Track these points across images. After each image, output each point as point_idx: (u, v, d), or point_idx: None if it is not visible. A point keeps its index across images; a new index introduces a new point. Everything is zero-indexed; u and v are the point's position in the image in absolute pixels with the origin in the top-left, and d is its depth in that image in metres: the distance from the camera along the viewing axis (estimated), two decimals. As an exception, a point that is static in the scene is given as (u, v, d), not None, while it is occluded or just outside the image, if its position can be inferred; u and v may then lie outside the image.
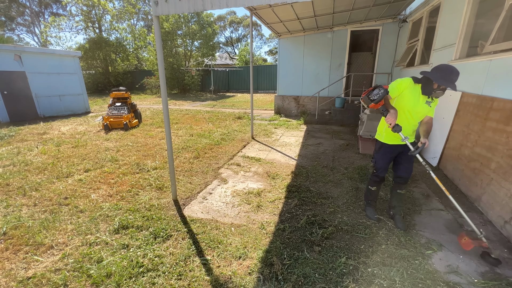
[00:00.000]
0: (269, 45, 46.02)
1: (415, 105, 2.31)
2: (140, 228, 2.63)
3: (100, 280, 1.97)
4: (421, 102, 2.30)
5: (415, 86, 2.32)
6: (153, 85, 19.15)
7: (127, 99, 7.92)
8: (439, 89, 2.18)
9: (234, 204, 3.14)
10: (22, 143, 5.75)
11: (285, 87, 9.57)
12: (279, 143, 5.79)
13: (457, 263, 2.13)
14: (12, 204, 3.11)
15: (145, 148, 5.36)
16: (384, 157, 2.58)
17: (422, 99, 2.30)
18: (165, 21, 18.35)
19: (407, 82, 2.33)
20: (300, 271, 2.04)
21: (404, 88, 2.33)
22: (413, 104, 2.31)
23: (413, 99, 2.31)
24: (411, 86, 2.32)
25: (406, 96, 2.33)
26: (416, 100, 2.30)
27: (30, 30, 32.74)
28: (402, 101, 2.35)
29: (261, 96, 17.29)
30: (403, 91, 2.34)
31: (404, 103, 2.34)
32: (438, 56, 4.85)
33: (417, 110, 2.32)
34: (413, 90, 2.31)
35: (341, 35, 8.36)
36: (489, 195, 2.82)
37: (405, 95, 2.33)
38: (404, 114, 2.38)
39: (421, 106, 2.31)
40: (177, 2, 2.57)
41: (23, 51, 8.59)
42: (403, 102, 2.35)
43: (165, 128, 3.07)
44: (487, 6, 3.94)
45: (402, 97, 2.35)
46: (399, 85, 2.33)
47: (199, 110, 11.25)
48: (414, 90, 2.31)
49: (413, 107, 2.32)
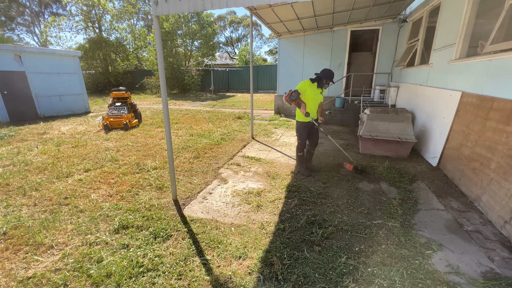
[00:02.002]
0: (269, 45, 46.02)
1: (315, 96, 3.67)
2: (140, 228, 2.63)
3: (100, 280, 1.97)
4: (317, 94, 3.68)
5: (312, 84, 3.64)
6: (153, 85, 19.15)
7: (127, 99, 7.92)
8: (326, 83, 3.61)
9: (234, 204, 3.14)
10: (22, 143, 5.75)
11: (285, 87, 9.55)
12: (279, 143, 5.79)
13: (457, 263, 2.13)
14: (12, 204, 3.11)
15: (145, 148, 5.36)
16: (304, 131, 3.83)
17: (318, 91, 3.68)
18: (165, 21, 18.34)
19: (307, 83, 3.63)
20: (300, 271, 2.04)
21: (307, 86, 3.63)
22: (313, 95, 3.66)
23: (313, 93, 3.66)
24: (310, 85, 3.64)
25: (309, 91, 3.65)
26: (315, 93, 3.66)
27: (30, 30, 32.75)
28: (307, 95, 3.66)
29: (261, 96, 17.29)
30: (306, 89, 3.63)
31: (308, 95, 3.66)
32: (438, 56, 4.84)
33: (316, 99, 3.70)
34: (312, 87, 3.64)
35: (341, 35, 8.36)
36: (489, 195, 2.82)
37: (308, 91, 3.65)
38: (311, 102, 3.68)
39: (318, 96, 3.70)
40: (177, 2, 2.57)
41: (23, 51, 8.59)
42: (308, 95, 3.66)
43: (165, 128, 3.07)
44: (487, 6, 3.94)
45: (306, 93, 3.65)
46: (303, 85, 3.63)
47: (199, 110, 11.25)
48: (312, 87, 3.64)
49: (314, 97, 3.67)
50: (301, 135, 3.84)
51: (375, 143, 4.75)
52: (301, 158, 4.01)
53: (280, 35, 8.95)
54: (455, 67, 4.16)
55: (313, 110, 3.72)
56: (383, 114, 4.97)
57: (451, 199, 3.20)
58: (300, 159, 4.03)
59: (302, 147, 3.92)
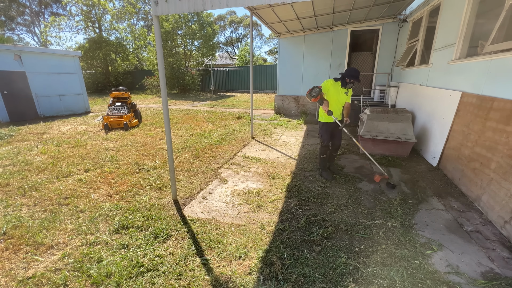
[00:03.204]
0: (269, 45, 46.05)
1: (338, 95, 3.53)
2: (140, 228, 2.63)
3: (100, 280, 1.97)
4: (341, 93, 3.53)
5: (336, 83, 3.52)
6: (153, 85, 19.14)
7: (127, 99, 7.92)
8: (349, 82, 3.42)
9: (234, 204, 3.14)
10: (22, 143, 5.75)
11: (285, 87, 9.56)
12: (279, 143, 5.79)
13: (457, 263, 2.13)
14: (12, 204, 3.11)
15: (145, 148, 5.36)
16: (326, 132, 3.71)
17: (342, 91, 3.53)
18: (165, 21, 18.34)
19: (330, 82, 3.53)
20: (300, 271, 2.04)
21: (329, 86, 3.51)
22: (337, 94, 3.52)
23: (336, 92, 3.52)
24: (333, 84, 3.52)
25: (331, 91, 3.52)
26: (338, 92, 3.52)
27: (30, 30, 32.75)
28: (330, 94, 3.53)
29: (261, 96, 17.29)
30: (329, 88, 3.51)
31: (331, 95, 3.53)
32: (438, 56, 4.84)
33: (339, 99, 3.55)
34: (335, 86, 3.52)
35: (341, 35, 8.35)
36: (489, 195, 2.82)
37: (330, 90, 3.52)
38: (334, 102, 3.55)
39: (341, 96, 3.54)
40: (177, 2, 2.57)
41: (23, 51, 8.59)
42: (330, 94, 3.53)
43: (165, 128, 3.07)
44: (487, 6, 3.94)
45: (329, 92, 3.53)
46: (325, 85, 3.53)
47: (199, 110, 11.25)
48: (335, 86, 3.52)
49: (337, 97, 3.53)
50: (323, 136, 3.70)
51: (375, 143, 4.75)
52: (324, 161, 3.83)
53: (280, 35, 8.95)
54: (455, 67, 4.16)
55: (336, 110, 3.58)
56: (383, 114, 4.97)
57: (451, 199, 3.20)
58: (323, 162, 3.84)
59: (325, 150, 3.73)
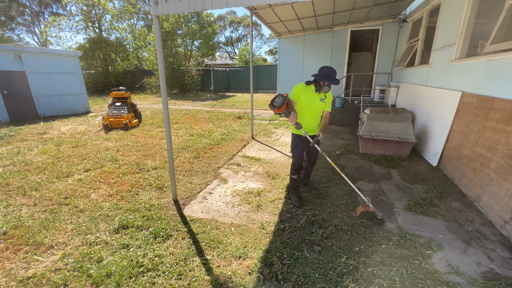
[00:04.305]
0: (269, 45, 46.03)
1: (311, 102, 2.84)
2: (140, 228, 2.63)
3: (100, 280, 1.97)
4: (316, 100, 2.84)
5: (308, 87, 2.84)
6: (153, 85, 19.13)
7: (127, 98, 7.92)
8: (324, 85, 2.73)
9: (234, 204, 3.14)
10: (22, 143, 5.75)
11: (285, 87, 9.56)
12: (279, 143, 5.79)
13: (457, 263, 2.13)
14: (12, 204, 3.11)
15: (145, 148, 5.36)
16: (297, 147, 2.98)
17: (317, 97, 2.84)
18: (165, 21, 18.33)
19: (300, 87, 2.85)
20: (300, 271, 2.04)
21: (300, 92, 2.84)
22: (309, 102, 2.84)
23: (309, 98, 2.84)
24: (304, 89, 2.84)
25: (303, 97, 2.85)
26: (312, 98, 2.83)
27: (30, 29, 32.72)
28: (301, 101, 2.87)
29: (261, 96, 17.28)
30: (300, 94, 2.85)
31: (303, 102, 2.86)
32: (438, 56, 4.84)
33: (314, 107, 2.86)
34: (307, 91, 2.84)
35: (341, 35, 8.36)
36: (489, 195, 2.82)
37: (302, 97, 2.85)
38: (306, 111, 2.88)
39: (317, 104, 2.85)
40: (177, 1, 2.57)
41: (23, 51, 8.58)
42: (302, 102, 2.87)
43: (165, 128, 3.07)
44: (487, 6, 3.94)
45: (300, 100, 2.87)
46: (295, 90, 2.86)
47: (199, 110, 11.25)
48: (308, 91, 2.84)
49: (310, 105, 2.85)
50: (294, 152, 2.98)
51: (375, 143, 4.75)
52: (295, 182, 3.06)
53: (280, 35, 8.95)
54: (455, 67, 4.16)
55: (309, 121, 2.90)
56: (383, 114, 4.97)
57: (451, 199, 3.20)
58: (293, 183, 3.07)
59: (296, 168, 2.95)
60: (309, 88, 2.84)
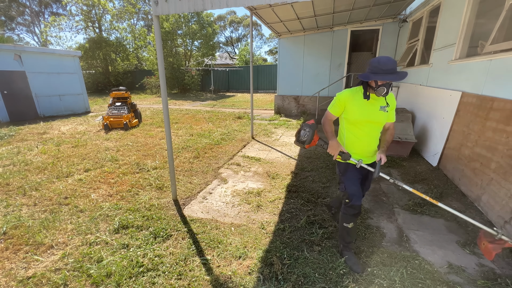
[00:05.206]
0: (269, 45, 46.06)
1: (367, 114, 1.91)
2: (140, 227, 2.63)
3: (100, 280, 1.97)
4: (375, 110, 1.91)
5: (356, 94, 1.94)
6: (153, 85, 19.14)
7: (127, 98, 7.92)
8: (378, 86, 1.79)
9: (234, 204, 3.14)
10: (22, 143, 5.75)
11: (285, 87, 9.56)
12: (279, 143, 5.79)
13: (457, 263, 2.13)
14: (12, 204, 3.11)
15: (145, 148, 5.36)
16: (351, 180, 2.01)
17: (375, 105, 1.91)
18: (165, 20, 18.34)
19: (345, 95, 1.96)
20: (300, 271, 2.04)
21: (345, 102, 1.96)
22: (364, 114, 1.91)
23: (361, 110, 1.91)
24: (351, 97, 1.94)
25: (352, 110, 1.93)
26: (366, 109, 1.91)
27: (30, 29, 32.74)
28: (350, 116, 1.96)
29: (261, 96, 17.29)
30: (345, 106, 1.97)
31: (353, 117, 1.94)
32: (438, 56, 4.84)
33: (372, 119, 1.93)
34: (357, 100, 1.93)
35: (341, 35, 8.36)
36: (489, 195, 2.82)
37: (349, 109, 1.95)
38: (359, 129, 1.97)
39: (375, 114, 1.92)
40: (177, 1, 2.57)
41: (23, 51, 8.58)
42: (351, 117, 1.95)
43: (165, 128, 3.07)
44: (487, 6, 3.94)
45: (348, 113, 1.97)
46: (338, 101, 1.99)
47: (199, 110, 11.25)
48: (358, 99, 1.93)
49: (365, 118, 1.92)
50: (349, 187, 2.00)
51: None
52: (350, 233, 2.09)
53: (280, 35, 8.95)
54: (455, 67, 4.16)
55: (364, 143, 2.02)
56: (383, 114, 4.97)
57: (451, 199, 3.20)
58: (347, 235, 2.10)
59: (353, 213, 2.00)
60: (358, 94, 1.93)
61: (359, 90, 1.94)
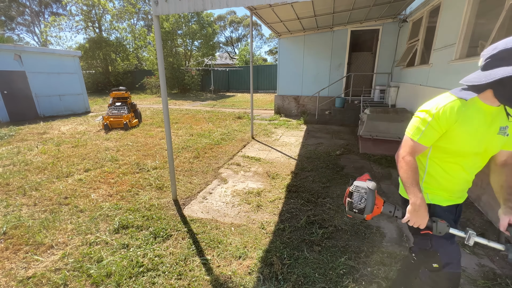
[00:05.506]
0: (269, 45, 46.08)
1: (486, 143, 1.17)
2: (140, 227, 2.63)
3: (100, 280, 1.97)
4: (492, 135, 1.16)
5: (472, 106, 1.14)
6: (153, 85, 19.15)
7: (127, 98, 7.92)
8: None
9: (234, 204, 3.14)
10: (22, 143, 5.75)
11: (285, 87, 9.56)
12: (279, 143, 5.79)
13: (457, 263, 2.13)
14: (12, 204, 3.11)
15: (145, 148, 5.36)
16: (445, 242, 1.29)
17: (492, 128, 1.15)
18: (165, 20, 18.33)
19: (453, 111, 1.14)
20: (300, 271, 2.04)
21: (451, 123, 1.14)
22: (482, 144, 1.17)
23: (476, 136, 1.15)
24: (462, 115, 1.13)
25: (459, 137, 1.16)
26: (484, 134, 1.15)
27: (30, 29, 32.73)
28: (453, 146, 1.19)
29: (261, 96, 17.29)
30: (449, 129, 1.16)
31: (461, 149, 1.19)
32: (438, 56, 4.84)
33: (486, 149, 1.19)
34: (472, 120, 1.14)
35: (341, 35, 8.35)
36: (489, 195, 2.82)
37: (456, 135, 1.16)
38: (455, 166, 1.25)
39: (493, 142, 1.17)
40: (177, 1, 2.57)
41: (23, 51, 8.58)
42: (456, 147, 1.19)
43: (165, 128, 3.07)
44: (487, 6, 3.93)
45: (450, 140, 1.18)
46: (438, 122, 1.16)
47: (199, 110, 11.25)
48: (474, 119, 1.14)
49: (481, 150, 1.18)
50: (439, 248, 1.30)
51: (375, 143, 4.75)
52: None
53: (280, 35, 8.95)
54: (455, 67, 4.16)
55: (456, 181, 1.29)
56: (383, 114, 4.98)
57: (451, 199, 3.20)
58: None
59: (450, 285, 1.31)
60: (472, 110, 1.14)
61: (474, 104, 1.14)
